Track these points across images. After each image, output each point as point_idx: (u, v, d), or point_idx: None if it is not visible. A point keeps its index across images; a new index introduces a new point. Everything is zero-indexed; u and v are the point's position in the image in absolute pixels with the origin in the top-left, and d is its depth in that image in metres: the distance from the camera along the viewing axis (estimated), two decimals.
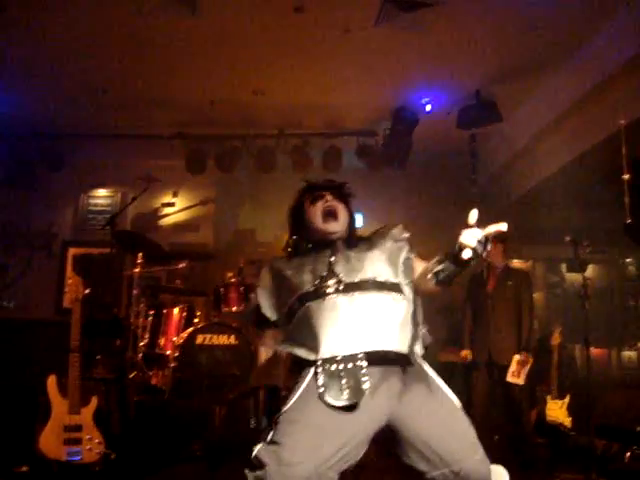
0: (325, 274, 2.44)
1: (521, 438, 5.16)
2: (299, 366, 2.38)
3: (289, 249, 2.72)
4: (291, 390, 2.32)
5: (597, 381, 6.81)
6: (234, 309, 5.40)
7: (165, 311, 5.42)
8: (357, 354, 2.26)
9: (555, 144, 6.31)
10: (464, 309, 5.70)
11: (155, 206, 8.15)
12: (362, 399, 2.18)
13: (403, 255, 2.55)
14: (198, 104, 6.70)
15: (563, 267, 9.62)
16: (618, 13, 4.74)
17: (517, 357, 5.20)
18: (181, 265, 5.69)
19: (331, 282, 2.40)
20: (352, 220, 2.69)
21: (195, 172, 7.56)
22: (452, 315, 6.88)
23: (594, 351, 9.43)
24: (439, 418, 2.29)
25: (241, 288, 5.46)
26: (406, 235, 2.61)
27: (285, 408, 2.23)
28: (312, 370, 2.29)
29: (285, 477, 2.03)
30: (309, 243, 2.65)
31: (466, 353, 5.44)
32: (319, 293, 2.39)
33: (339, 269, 2.44)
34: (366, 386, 2.20)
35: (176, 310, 5.43)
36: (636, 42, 4.55)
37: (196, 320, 5.47)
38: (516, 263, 10.28)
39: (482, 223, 2.17)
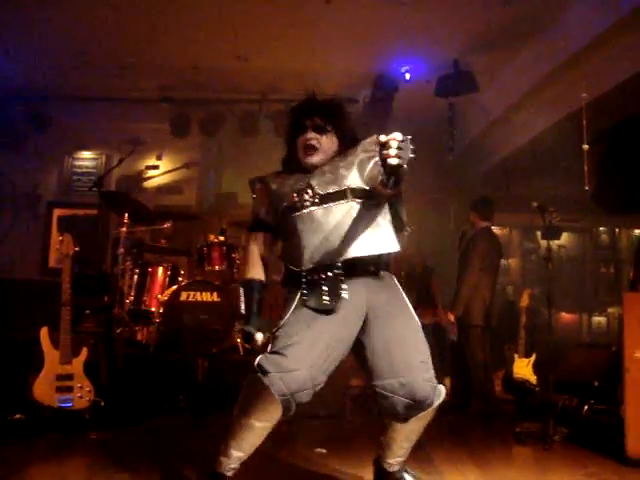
0: (302, 187, 2.63)
1: (482, 395, 5.39)
2: (290, 280, 2.64)
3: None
4: (285, 304, 2.59)
5: (566, 344, 7.13)
6: (217, 268, 5.62)
7: (150, 269, 5.59)
8: (335, 264, 2.51)
9: (530, 114, 6.50)
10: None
11: (139, 169, 8.26)
12: (340, 303, 2.49)
13: (372, 162, 2.65)
14: (182, 69, 6.80)
15: (539, 234, 9.81)
16: None
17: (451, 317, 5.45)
18: (165, 225, 5.87)
19: (307, 195, 2.60)
20: (342, 140, 2.75)
21: (179, 135, 7.70)
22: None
23: (565, 316, 9.78)
24: (402, 330, 2.55)
25: (223, 248, 5.67)
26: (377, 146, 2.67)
27: (282, 322, 2.52)
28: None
29: (285, 382, 2.37)
30: (297, 163, 2.74)
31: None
32: (297, 206, 2.60)
33: (314, 182, 2.63)
34: (344, 293, 2.50)
35: (161, 269, 5.62)
36: (604, 19, 4.74)
37: (180, 279, 5.67)
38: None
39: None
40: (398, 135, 2.22)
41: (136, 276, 5.55)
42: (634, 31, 4.78)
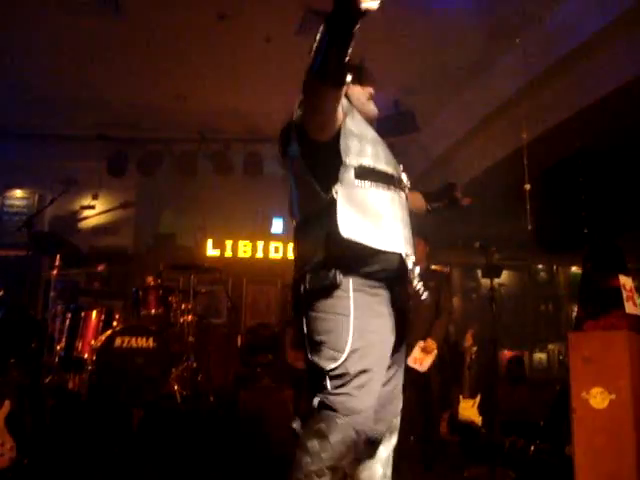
0: (388, 158, 2.36)
1: (432, 437, 5.29)
2: (343, 260, 2.12)
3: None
4: (333, 323, 2.10)
5: (508, 381, 7.13)
6: (153, 312, 5.42)
7: (83, 314, 5.35)
8: (408, 253, 2.21)
9: (469, 154, 6.59)
10: None
11: (74, 209, 8.00)
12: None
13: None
14: (120, 106, 6.68)
15: (479, 273, 9.91)
16: (522, 36, 5.03)
17: (421, 343, 5.31)
18: (100, 268, 5.67)
19: (390, 170, 2.32)
20: None
21: (116, 175, 7.52)
22: None
23: (507, 353, 9.83)
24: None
25: (160, 291, 5.49)
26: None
27: (347, 350, 2.05)
28: (351, 289, 2.10)
29: (353, 424, 2.01)
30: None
31: None
32: (386, 178, 2.27)
33: (390, 156, 2.40)
34: (425, 294, 2.21)
35: (94, 313, 5.37)
36: (539, 63, 4.85)
37: (114, 323, 5.43)
38: (435, 268, 10.61)
39: None
40: None
41: (68, 320, 5.30)
42: (568, 74, 4.91)
